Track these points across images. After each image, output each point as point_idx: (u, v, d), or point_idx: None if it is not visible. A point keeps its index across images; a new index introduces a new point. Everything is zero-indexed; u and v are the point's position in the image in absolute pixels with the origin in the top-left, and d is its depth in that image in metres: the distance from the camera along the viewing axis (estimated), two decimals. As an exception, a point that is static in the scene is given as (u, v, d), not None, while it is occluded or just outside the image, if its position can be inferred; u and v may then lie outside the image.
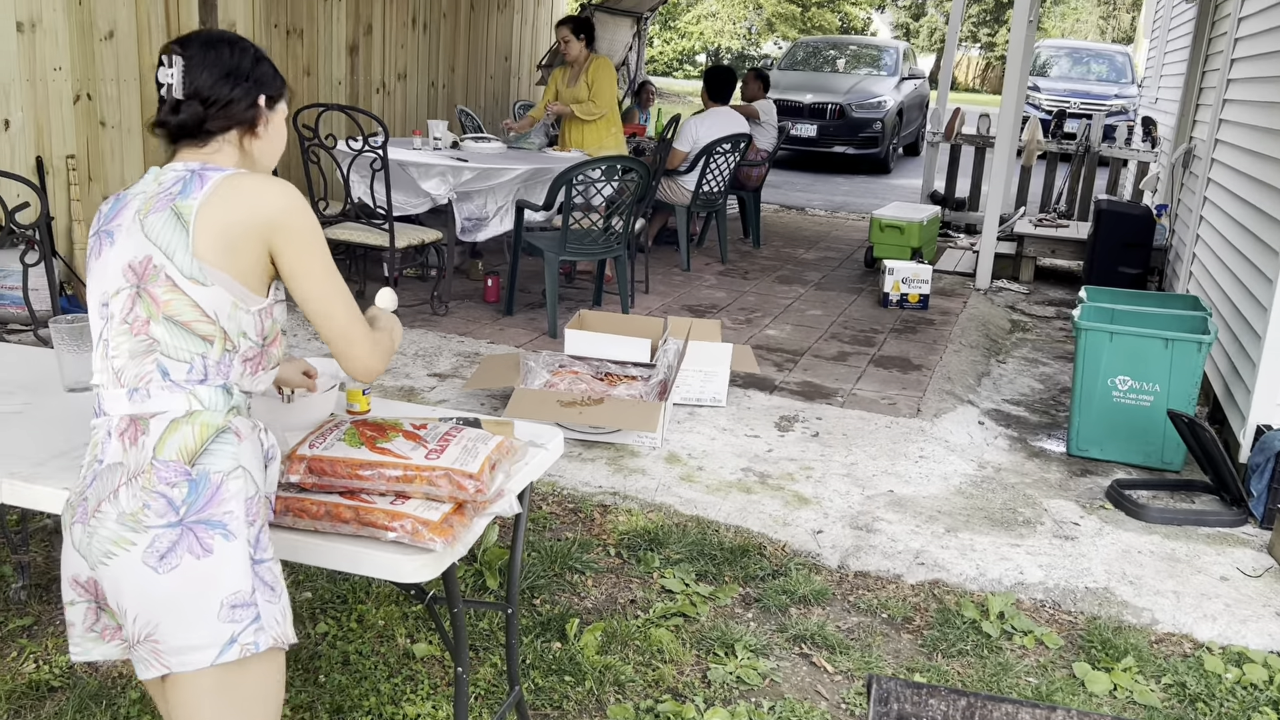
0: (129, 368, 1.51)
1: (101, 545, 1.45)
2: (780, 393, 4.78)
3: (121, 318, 1.51)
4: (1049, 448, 4.32)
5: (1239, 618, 3.08)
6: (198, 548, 1.44)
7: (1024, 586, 3.20)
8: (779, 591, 3.10)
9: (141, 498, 1.44)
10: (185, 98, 1.56)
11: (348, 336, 1.61)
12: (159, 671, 1.47)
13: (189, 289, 1.49)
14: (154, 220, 1.50)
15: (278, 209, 1.52)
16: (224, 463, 1.49)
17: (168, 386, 1.50)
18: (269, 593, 1.51)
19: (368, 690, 2.51)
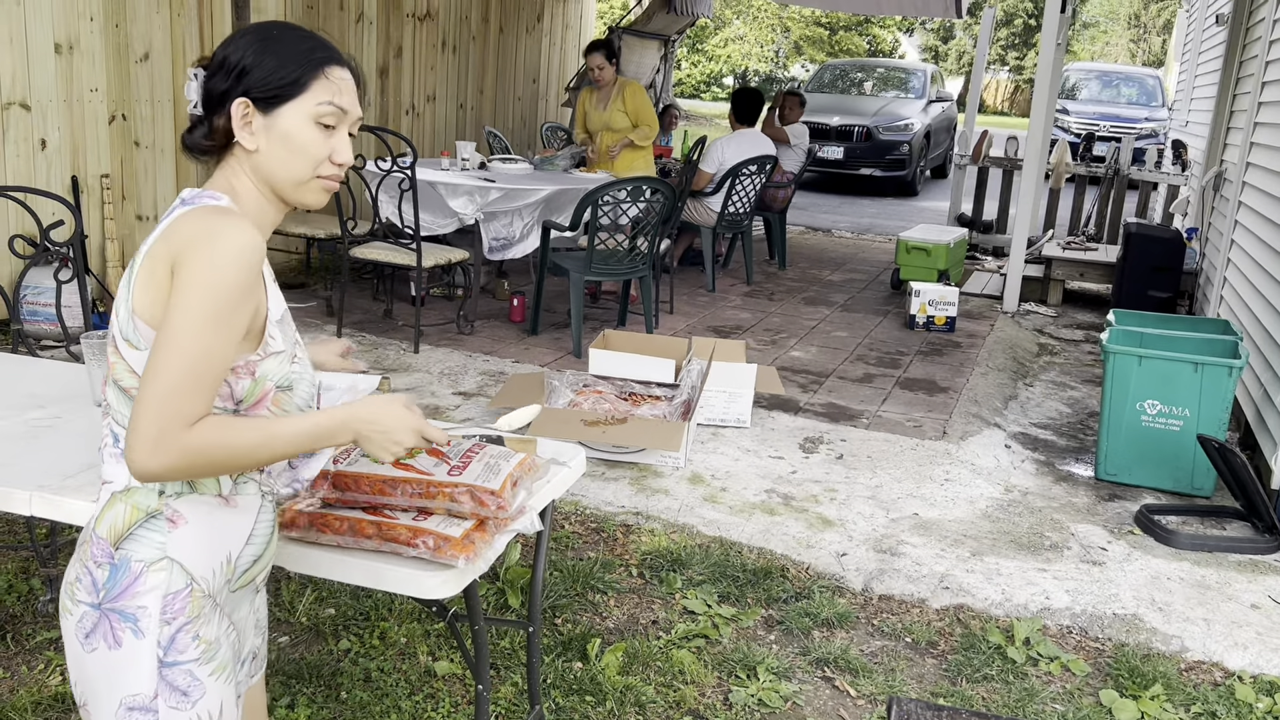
0: (101, 428, 1.41)
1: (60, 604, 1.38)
2: (805, 414, 4.76)
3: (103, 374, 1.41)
4: (1077, 472, 4.28)
5: (1271, 647, 3.02)
6: (110, 637, 1.33)
7: (1050, 612, 3.16)
8: (802, 614, 3.08)
9: (76, 570, 1.36)
10: (201, 110, 1.39)
11: (152, 409, 1.24)
12: None
13: (125, 352, 1.32)
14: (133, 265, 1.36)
15: (184, 240, 1.28)
16: (147, 551, 1.33)
17: (116, 455, 1.36)
18: (177, 698, 1.35)
19: (389, 707, 2.51)
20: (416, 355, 5.21)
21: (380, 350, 5.28)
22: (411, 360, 5.14)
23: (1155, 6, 34.65)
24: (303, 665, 2.65)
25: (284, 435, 1.33)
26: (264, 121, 1.36)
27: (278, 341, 1.39)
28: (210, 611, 1.37)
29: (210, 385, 1.27)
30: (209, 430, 1.27)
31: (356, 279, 6.42)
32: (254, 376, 1.36)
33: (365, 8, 7.24)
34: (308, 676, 2.61)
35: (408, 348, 5.31)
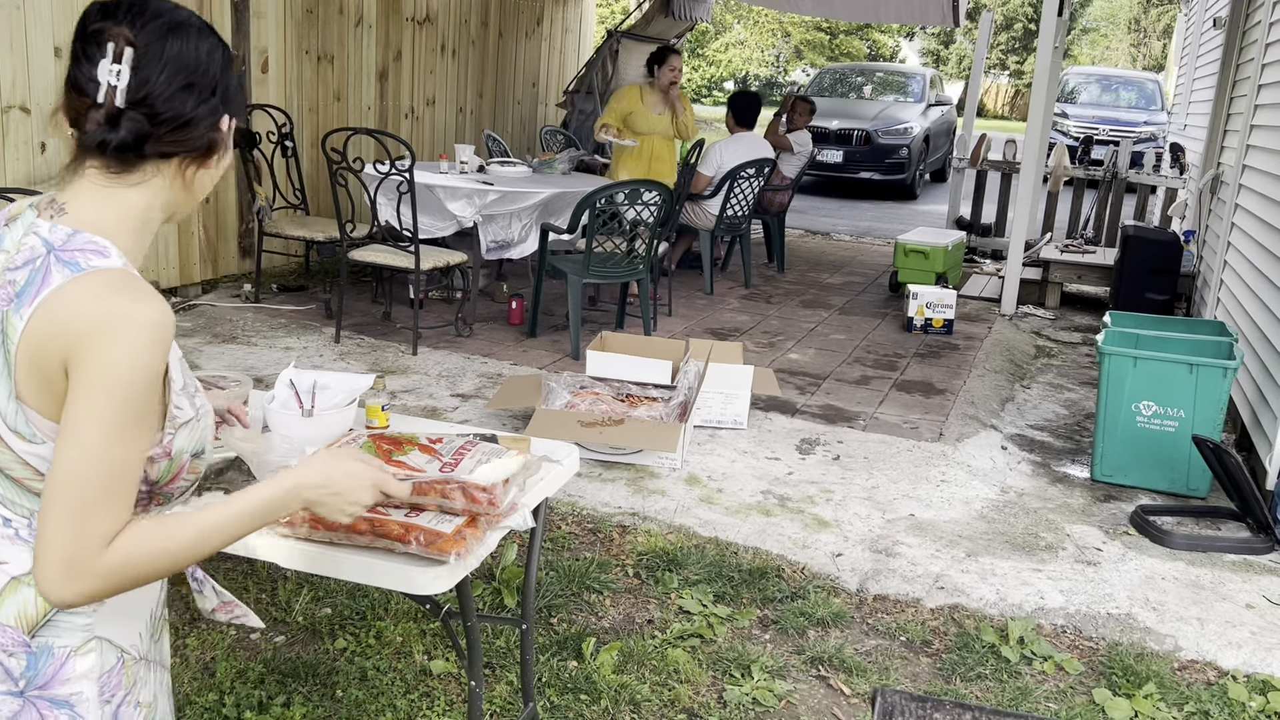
0: None
1: None
2: (802, 416, 4.77)
3: None
4: (1072, 473, 4.29)
5: (1265, 646, 3.03)
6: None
7: (1045, 611, 3.17)
8: (797, 614, 3.09)
9: None
10: (129, 105, 1.13)
11: (60, 533, 1.09)
12: None
13: (14, 444, 1.13)
14: None
15: (81, 334, 1.08)
16: (70, 637, 1.18)
17: (9, 537, 1.17)
18: None
19: (384, 706, 2.53)
20: (414, 357, 5.23)
21: (379, 352, 5.29)
22: (410, 362, 5.15)
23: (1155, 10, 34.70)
24: (299, 664, 2.66)
25: (222, 526, 1.18)
26: (226, 141, 1.24)
27: (185, 409, 1.21)
28: (145, 672, 1.27)
29: (127, 493, 1.11)
30: (130, 544, 1.11)
31: (355, 282, 6.44)
32: (170, 456, 1.20)
33: (365, 11, 7.27)
34: (303, 675, 2.62)
35: (406, 350, 5.33)
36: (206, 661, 2.67)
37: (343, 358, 5.16)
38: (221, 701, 2.49)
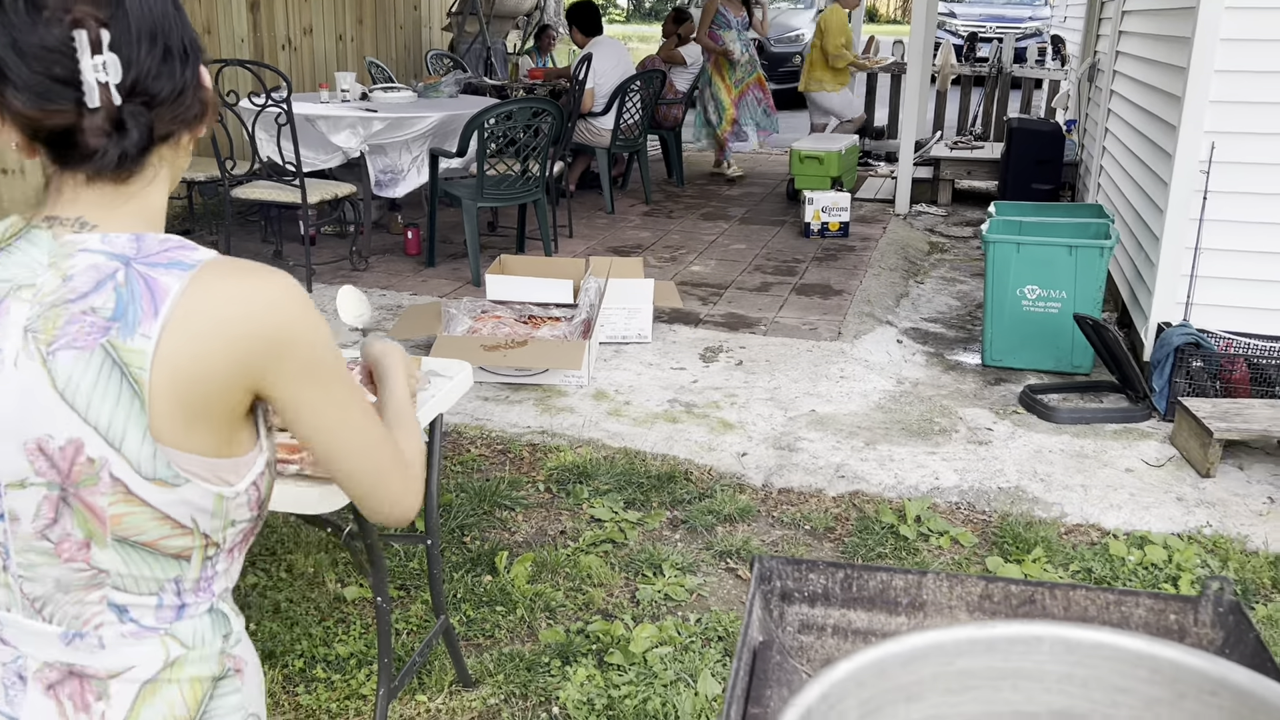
0: (58, 601, 0.97)
1: None
2: (705, 325, 4.84)
3: (38, 530, 0.95)
4: (965, 360, 4.45)
5: (1142, 505, 3.22)
6: None
7: (940, 491, 3.32)
8: (705, 512, 3.18)
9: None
10: (125, 98, 0.92)
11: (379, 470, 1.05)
12: None
13: (150, 495, 0.94)
14: (72, 368, 0.90)
15: (277, 332, 0.95)
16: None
17: (130, 633, 0.98)
18: None
19: (299, 635, 2.54)
20: (310, 295, 5.12)
21: (273, 292, 5.17)
22: (306, 300, 5.05)
23: (1037, -94, 34.93)
24: (210, 603, 2.65)
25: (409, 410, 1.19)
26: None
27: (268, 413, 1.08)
28: None
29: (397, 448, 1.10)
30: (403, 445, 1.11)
31: (243, 221, 6.25)
32: (274, 466, 1.06)
33: (228, -62, 6.93)
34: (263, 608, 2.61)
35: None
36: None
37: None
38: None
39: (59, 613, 0.97)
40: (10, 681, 0.98)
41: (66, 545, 0.94)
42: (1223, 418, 3.38)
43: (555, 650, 2.50)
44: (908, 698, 0.77)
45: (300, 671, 2.42)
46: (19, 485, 0.93)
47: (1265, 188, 3.70)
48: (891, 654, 0.75)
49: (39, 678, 0.98)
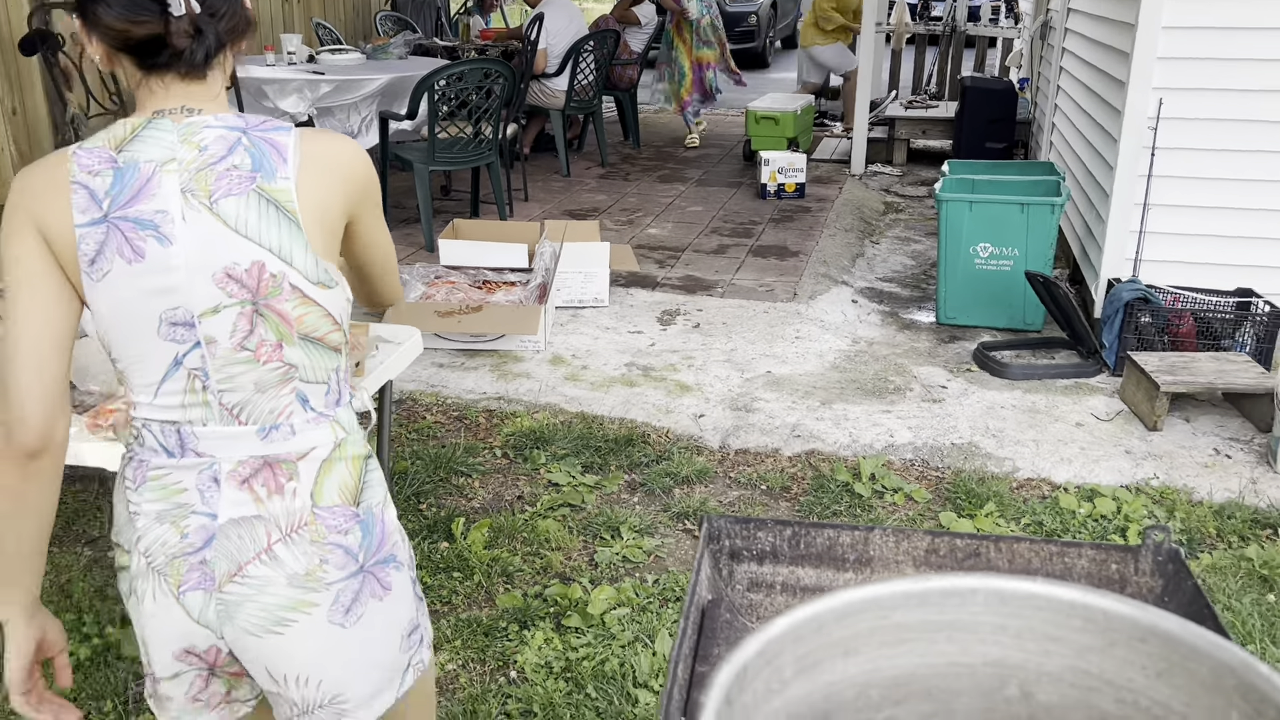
0: (255, 403, 1.21)
1: (260, 616, 1.21)
2: (662, 289, 4.82)
3: (236, 343, 1.18)
4: (919, 319, 4.48)
5: (1092, 458, 3.28)
6: (378, 589, 1.28)
7: (894, 448, 3.35)
8: (663, 475, 3.18)
9: (315, 554, 1.22)
10: (200, 8, 1.15)
11: (395, 270, 1.42)
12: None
13: (319, 296, 1.20)
14: (237, 209, 1.15)
15: (366, 173, 1.27)
16: (378, 492, 1.30)
17: (312, 419, 1.24)
18: (421, 603, 1.40)
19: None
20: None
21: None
22: (257, 268, 4.97)
23: None
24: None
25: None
26: None
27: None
28: None
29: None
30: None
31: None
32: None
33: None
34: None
35: (252, 256, 5.13)
36: (62, 584, 2.60)
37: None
38: (80, 620, 2.44)
39: (255, 413, 1.21)
40: (205, 486, 1.20)
41: (264, 349, 1.19)
42: (1170, 371, 3.44)
43: (513, 615, 2.50)
44: (845, 652, 0.77)
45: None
46: (213, 312, 1.17)
47: (1212, 143, 3.74)
48: (828, 609, 0.75)
49: (232, 476, 1.20)
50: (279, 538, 1.21)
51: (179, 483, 1.20)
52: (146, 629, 1.24)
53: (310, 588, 1.22)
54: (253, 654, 1.23)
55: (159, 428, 1.20)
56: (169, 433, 1.20)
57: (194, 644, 1.23)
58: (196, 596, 1.20)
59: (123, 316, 1.16)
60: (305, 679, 1.25)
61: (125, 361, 1.19)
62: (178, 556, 1.20)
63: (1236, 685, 0.66)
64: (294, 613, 1.21)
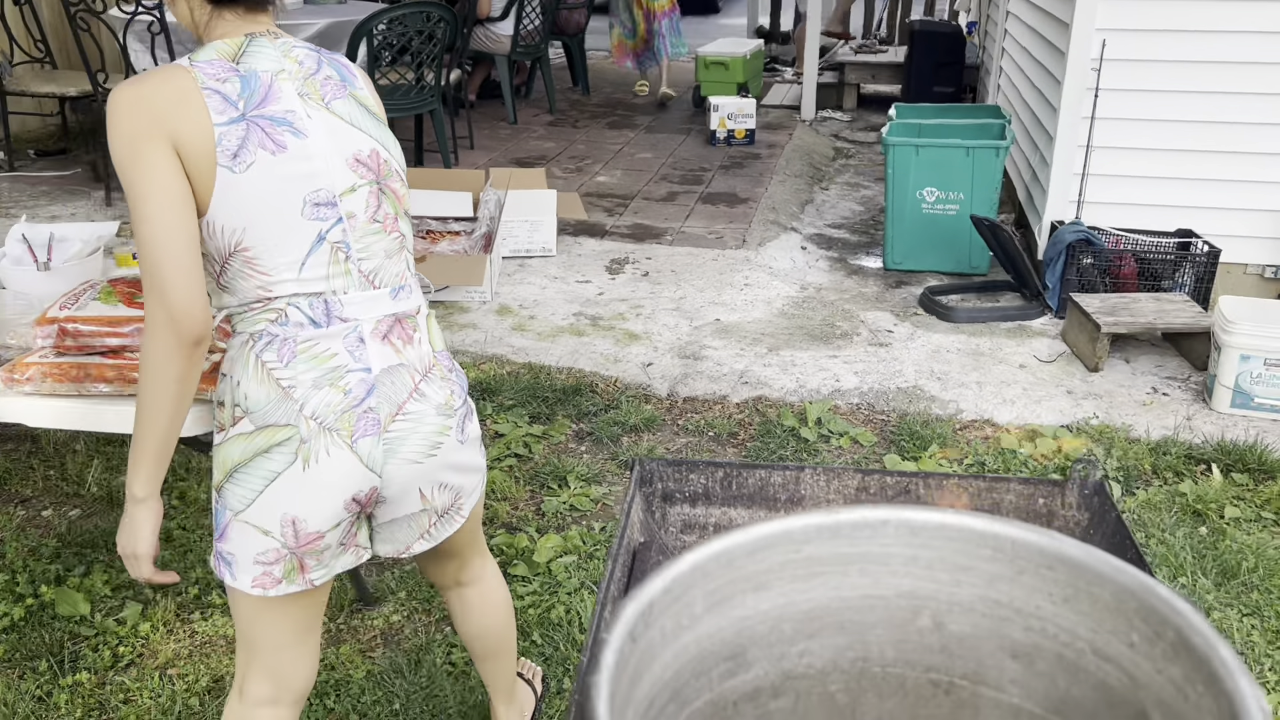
0: (385, 268, 1.43)
1: (420, 444, 1.43)
2: (611, 237, 4.78)
3: (369, 217, 1.40)
4: (867, 264, 4.49)
5: (1034, 399, 3.32)
6: (472, 410, 1.55)
7: (841, 393, 3.37)
8: (611, 423, 3.17)
9: (444, 387, 1.47)
10: None
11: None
12: (458, 525, 1.57)
13: (406, 181, 1.50)
14: (345, 108, 1.40)
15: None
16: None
17: (414, 281, 1.49)
18: None
19: (194, 562, 2.48)
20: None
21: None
22: (195, 220, 4.84)
23: None
24: (97, 534, 2.57)
25: None
26: None
27: None
28: None
29: None
30: None
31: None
32: None
33: None
34: (102, 544, 2.54)
35: (190, 208, 5.00)
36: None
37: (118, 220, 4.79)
38: (14, 581, 2.39)
39: (385, 277, 1.43)
40: (353, 346, 1.38)
41: (387, 221, 1.43)
42: (1110, 312, 3.48)
43: (458, 565, 2.49)
44: (756, 587, 0.76)
45: (196, 599, 2.37)
46: (350, 191, 1.38)
47: (1154, 84, 3.76)
48: (738, 544, 0.74)
49: (374, 334, 1.40)
50: (420, 378, 1.44)
51: (328, 350, 1.36)
52: (316, 486, 1.36)
53: (447, 414, 1.46)
54: (406, 480, 1.43)
55: (306, 302, 1.35)
56: (316, 305, 1.36)
57: (360, 490, 1.39)
58: (366, 442, 1.37)
59: (268, 202, 1.31)
60: (445, 486, 1.49)
61: (266, 245, 1.32)
62: (346, 411, 1.36)
63: (1137, 608, 0.66)
64: (441, 436, 1.45)
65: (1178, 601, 0.64)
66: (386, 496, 1.43)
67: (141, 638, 2.25)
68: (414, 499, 1.46)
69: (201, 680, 2.13)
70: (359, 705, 2.06)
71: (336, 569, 1.45)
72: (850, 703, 0.81)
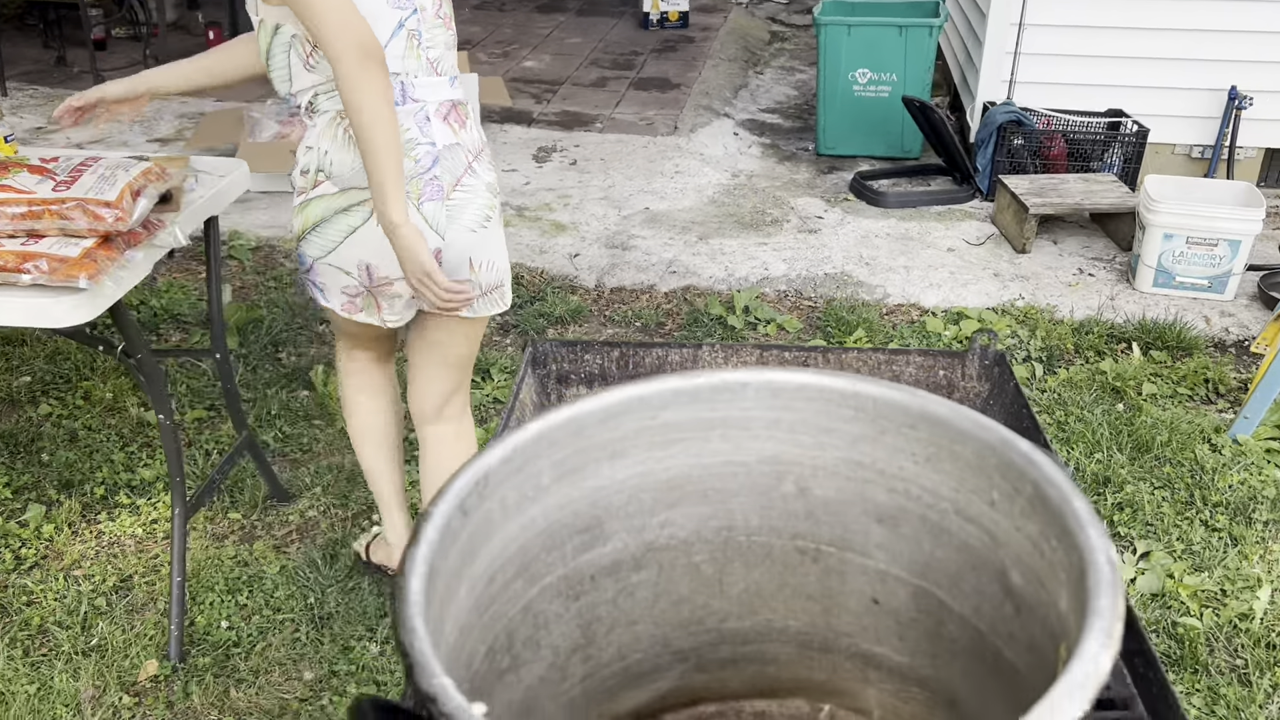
0: (445, 58, 1.63)
1: (476, 215, 1.64)
2: (538, 124, 4.63)
3: (435, 12, 1.60)
4: (799, 150, 4.41)
5: (961, 282, 3.31)
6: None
7: (769, 280, 3.33)
8: (536, 316, 3.11)
9: (491, 170, 1.67)
10: None
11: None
12: (500, 309, 1.77)
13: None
14: None
15: None
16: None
17: (459, 75, 1.68)
18: None
19: (100, 462, 2.40)
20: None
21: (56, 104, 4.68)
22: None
23: None
24: (-4, 437, 2.48)
25: None
26: None
27: None
28: None
29: None
30: None
31: (19, 26, 5.58)
32: None
33: None
34: (3, 445, 2.44)
35: (93, 99, 4.74)
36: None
37: (14, 111, 4.54)
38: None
39: (445, 65, 1.63)
40: (421, 123, 1.59)
41: (447, 19, 1.64)
42: (1039, 194, 3.46)
43: (376, 459, 2.44)
44: (611, 455, 0.72)
45: (102, 499, 2.30)
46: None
47: (1088, -41, 3.67)
48: (588, 411, 0.70)
49: (436, 114, 1.61)
50: (473, 158, 1.64)
51: (401, 124, 1.55)
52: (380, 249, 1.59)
53: (494, 194, 1.68)
54: (464, 246, 1.64)
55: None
56: (394, 84, 1.54)
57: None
58: (431, 206, 1.59)
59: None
60: (490, 264, 1.70)
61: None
62: (414, 177, 1.57)
63: (997, 464, 0.63)
64: (490, 211, 1.67)
65: (1035, 454, 0.60)
66: (445, 260, 1.63)
67: (45, 539, 2.18)
68: (465, 268, 1.66)
69: (109, 580, 2.07)
70: (272, 600, 2.03)
71: (407, 318, 1.74)
72: (716, 573, 0.78)
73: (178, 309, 3.06)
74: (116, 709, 1.81)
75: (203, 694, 1.83)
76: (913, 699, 0.77)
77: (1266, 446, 2.50)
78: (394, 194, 1.49)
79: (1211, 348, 2.97)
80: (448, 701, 0.49)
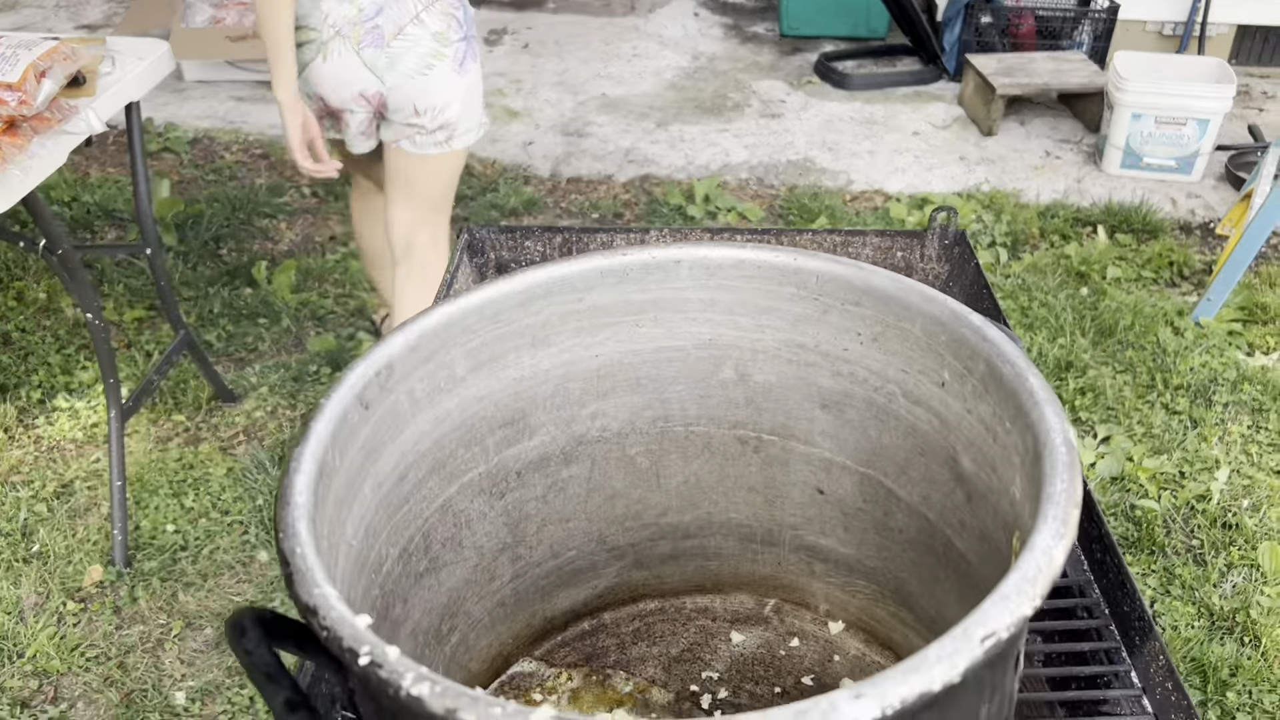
0: None
1: (415, 61, 1.74)
2: (488, 6, 4.43)
3: None
4: (762, 31, 4.25)
5: (926, 166, 3.23)
6: (475, 53, 1.82)
7: (730, 168, 3.23)
8: (488, 207, 3.01)
9: (443, 20, 1.75)
10: None
11: None
12: (448, 149, 1.87)
13: None
14: None
15: None
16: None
17: None
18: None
19: (36, 365, 2.31)
20: (28, -9, 4.40)
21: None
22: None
23: None
24: (-75, 341, 2.37)
25: None
26: None
27: None
28: None
29: None
30: None
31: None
32: None
33: None
34: (-68, 352, 2.35)
35: (16, -16, 4.47)
36: None
37: None
38: None
39: None
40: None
41: None
42: (1007, 73, 3.36)
43: (326, 358, 2.37)
44: (533, 342, 0.66)
45: (39, 403, 2.22)
46: None
47: None
48: (503, 294, 0.63)
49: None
50: (423, 9, 1.73)
51: None
52: (334, 77, 1.76)
53: (442, 44, 1.75)
54: (405, 92, 1.77)
55: None
56: None
57: (365, 89, 1.77)
58: (371, 52, 1.73)
59: None
60: (435, 109, 1.80)
61: None
62: (357, 24, 1.71)
63: (947, 341, 0.57)
64: (434, 59, 1.75)
65: (989, 329, 0.55)
66: (390, 103, 1.79)
67: (-19, 446, 2.11)
68: (409, 111, 1.79)
69: (49, 486, 2.01)
70: (219, 502, 1.98)
71: (366, 146, 1.88)
72: (653, 466, 0.73)
73: (112, 204, 2.93)
74: (61, 614, 1.77)
75: (150, 598, 1.79)
76: (860, 592, 0.73)
77: (1228, 329, 2.49)
78: (275, 68, 1.70)
79: (1177, 230, 2.93)
80: (329, 613, 0.44)
